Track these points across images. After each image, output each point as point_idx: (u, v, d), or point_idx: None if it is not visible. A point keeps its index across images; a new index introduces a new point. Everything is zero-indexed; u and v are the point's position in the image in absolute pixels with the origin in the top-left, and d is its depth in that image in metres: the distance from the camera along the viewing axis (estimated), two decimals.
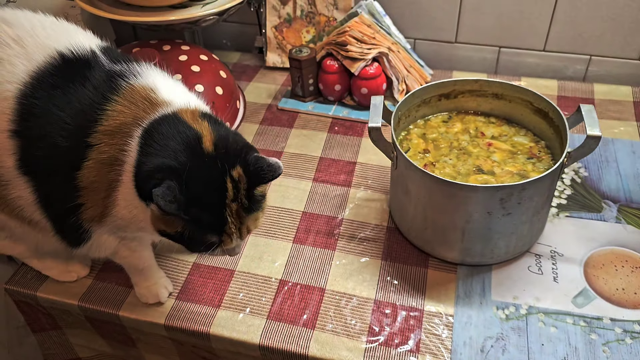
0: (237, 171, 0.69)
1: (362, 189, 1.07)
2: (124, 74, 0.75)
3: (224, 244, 0.72)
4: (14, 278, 0.97)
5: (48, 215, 0.78)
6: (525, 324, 0.83)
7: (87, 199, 0.73)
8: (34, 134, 0.72)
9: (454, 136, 0.98)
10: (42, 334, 1.03)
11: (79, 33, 0.80)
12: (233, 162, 0.69)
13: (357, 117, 1.24)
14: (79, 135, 0.71)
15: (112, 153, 0.71)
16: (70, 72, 0.73)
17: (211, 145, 0.70)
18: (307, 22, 1.38)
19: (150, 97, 0.74)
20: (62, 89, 0.72)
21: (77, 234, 0.78)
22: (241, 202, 0.70)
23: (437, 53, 1.39)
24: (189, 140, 0.70)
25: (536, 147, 0.94)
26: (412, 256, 0.94)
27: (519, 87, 0.95)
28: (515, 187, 0.78)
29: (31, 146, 0.73)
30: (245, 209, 0.71)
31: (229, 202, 0.69)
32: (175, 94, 0.76)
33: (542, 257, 0.92)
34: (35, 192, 0.76)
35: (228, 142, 0.71)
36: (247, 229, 0.74)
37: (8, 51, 0.72)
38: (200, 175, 0.68)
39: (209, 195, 0.68)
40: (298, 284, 0.91)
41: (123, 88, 0.73)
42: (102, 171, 0.71)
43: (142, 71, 0.77)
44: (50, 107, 0.71)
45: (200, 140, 0.70)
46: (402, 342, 0.82)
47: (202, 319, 0.87)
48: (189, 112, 0.73)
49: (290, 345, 0.83)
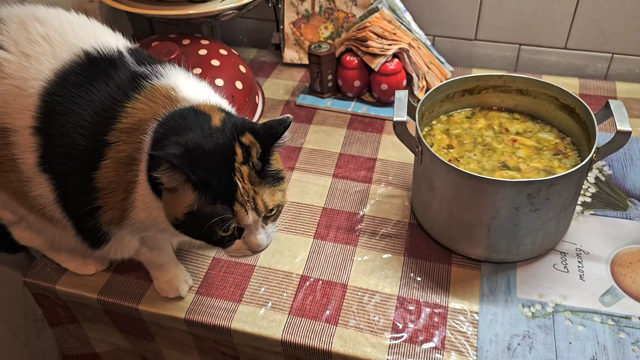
0: (247, 137, 0.67)
1: (382, 186, 1.06)
2: (147, 75, 0.74)
3: (238, 217, 0.66)
4: (32, 271, 0.96)
5: (68, 215, 0.77)
6: (552, 322, 0.82)
7: (106, 201, 0.73)
8: (55, 132, 0.71)
9: (477, 132, 0.97)
10: (60, 327, 1.02)
11: (108, 34, 0.80)
12: (241, 130, 0.68)
13: (376, 113, 1.23)
14: (97, 134, 0.70)
15: (129, 152, 0.70)
16: (94, 71, 0.73)
17: (219, 122, 0.69)
18: (325, 18, 1.38)
19: (170, 95, 0.73)
20: (85, 87, 0.72)
21: (96, 235, 0.77)
22: (253, 165, 0.67)
23: (456, 50, 1.38)
24: (199, 121, 0.69)
25: (562, 144, 0.93)
26: (434, 253, 0.93)
27: (544, 82, 0.94)
28: (544, 183, 0.77)
29: (52, 144, 0.72)
30: (259, 174, 0.67)
31: (238, 165, 0.66)
32: (196, 92, 0.75)
33: (568, 255, 0.91)
34: (55, 192, 0.75)
35: (237, 119, 0.71)
36: (264, 203, 0.68)
37: (36, 48, 0.72)
38: (207, 143, 0.66)
39: (215, 160, 0.65)
40: (320, 280, 0.90)
41: (145, 87, 0.73)
42: (120, 171, 0.71)
43: (165, 72, 0.77)
44: (72, 105, 0.71)
45: (210, 120, 0.69)
46: (427, 339, 0.81)
47: (223, 314, 0.86)
48: (207, 106, 0.73)
49: (313, 341, 0.82)
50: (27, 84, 0.71)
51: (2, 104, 0.72)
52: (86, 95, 0.71)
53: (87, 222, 0.75)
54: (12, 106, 0.72)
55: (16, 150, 0.74)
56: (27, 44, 0.72)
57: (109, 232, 0.77)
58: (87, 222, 0.75)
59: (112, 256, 0.84)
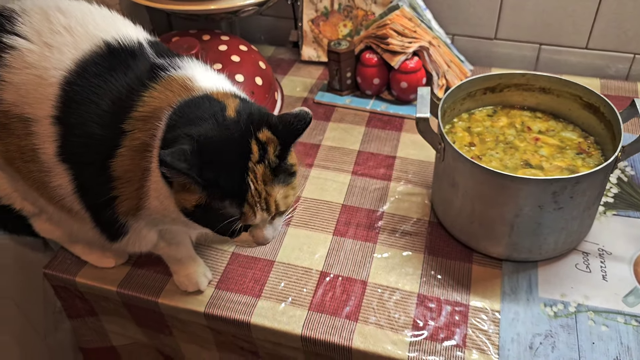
0: (264, 134, 0.66)
1: (402, 183, 1.06)
2: (166, 66, 0.74)
3: (246, 217, 0.66)
4: (52, 263, 0.97)
5: (86, 207, 0.78)
6: (574, 322, 0.81)
7: (122, 191, 0.73)
8: (74, 121, 0.72)
9: (499, 130, 0.96)
10: (78, 320, 1.03)
11: (129, 26, 0.80)
12: (258, 125, 0.66)
13: (395, 111, 1.23)
14: (114, 122, 0.71)
15: (143, 139, 0.70)
16: (114, 61, 0.73)
17: (234, 112, 0.68)
18: (344, 16, 1.37)
19: (186, 85, 0.73)
20: (104, 77, 0.72)
21: (114, 227, 0.77)
22: (269, 163, 0.65)
23: (475, 49, 1.37)
24: (213, 110, 0.68)
25: (585, 143, 0.92)
26: (455, 251, 0.92)
27: (568, 81, 0.93)
28: (569, 181, 0.76)
29: (71, 133, 0.73)
30: (275, 173, 0.66)
31: (253, 164, 0.64)
32: (212, 83, 0.75)
33: (590, 255, 0.90)
34: (74, 182, 0.76)
35: (252, 109, 0.69)
36: (276, 203, 0.67)
37: (58, 39, 0.73)
38: (220, 138, 0.65)
39: (228, 157, 0.64)
40: (339, 276, 0.90)
41: (163, 78, 0.73)
42: (135, 159, 0.71)
43: (183, 64, 0.76)
44: (90, 94, 0.71)
45: (224, 110, 0.68)
46: (448, 336, 0.80)
47: (242, 308, 0.86)
48: (220, 93, 0.72)
49: (333, 336, 0.81)
50: (48, 74, 0.72)
51: (24, 93, 0.72)
52: (105, 84, 0.72)
53: (105, 212, 0.75)
54: (34, 96, 0.72)
55: (37, 140, 0.74)
56: (50, 34, 0.73)
57: (126, 223, 0.77)
58: (105, 213, 0.75)
59: (130, 249, 0.84)
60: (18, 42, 0.72)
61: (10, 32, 0.72)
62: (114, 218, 0.76)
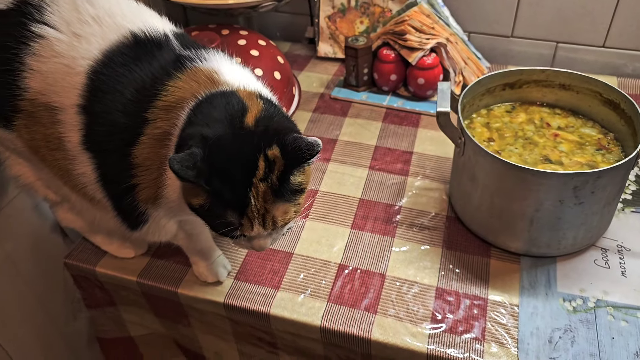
0: (273, 152, 0.65)
1: (419, 178, 1.06)
2: (192, 57, 0.75)
3: (244, 228, 0.67)
4: (73, 253, 0.98)
5: (108, 195, 0.79)
6: (593, 317, 0.81)
7: (142, 179, 0.73)
8: (99, 110, 0.73)
9: (518, 126, 0.96)
10: (97, 309, 1.04)
11: (155, 17, 0.81)
12: (270, 141, 0.65)
13: (412, 107, 1.23)
14: (137, 111, 0.71)
15: (165, 128, 0.70)
16: (140, 52, 0.74)
17: (253, 120, 0.67)
18: (361, 13, 1.38)
19: (212, 77, 0.73)
20: (129, 66, 0.73)
21: (134, 215, 0.78)
22: (271, 183, 0.65)
23: (492, 47, 1.37)
24: (233, 112, 0.68)
25: (605, 139, 0.92)
26: (473, 245, 0.93)
27: (588, 77, 0.93)
28: (590, 175, 0.76)
29: (95, 122, 0.73)
30: (275, 193, 0.66)
31: (256, 181, 0.64)
32: (237, 78, 0.75)
33: (609, 251, 0.90)
34: (97, 170, 0.76)
35: (271, 121, 0.68)
36: (273, 220, 0.67)
37: (87, 29, 0.73)
38: (232, 147, 0.65)
39: (235, 170, 0.65)
40: (358, 269, 0.90)
41: (188, 68, 0.74)
42: (155, 147, 0.71)
43: (209, 56, 0.77)
44: (116, 83, 0.72)
45: (244, 114, 0.68)
46: (467, 329, 0.81)
47: (261, 299, 0.87)
48: (246, 92, 0.73)
49: (353, 328, 0.82)
50: (76, 63, 0.72)
51: (52, 82, 0.73)
52: (130, 74, 0.72)
53: (125, 200, 0.76)
54: (61, 84, 0.73)
55: (62, 128, 0.75)
56: (78, 24, 0.73)
57: (146, 212, 0.78)
58: (125, 201, 0.76)
59: (150, 238, 0.84)
60: (47, 32, 0.72)
61: (39, 21, 0.73)
62: (134, 206, 0.76)
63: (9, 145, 0.81)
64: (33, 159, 0.82)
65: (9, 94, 0.74)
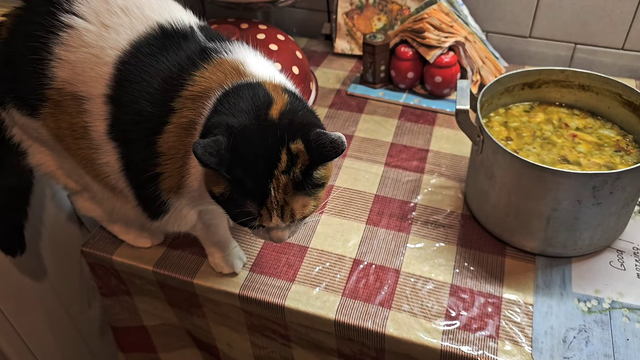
0: (297, 146, 0.65)
1: (435, 176, 1.06)
2: (217, 49, 0.76)
3: (262, 218, 0.67)
4: (90, 241, 0.99)
5: (130, 184, 0.79)
6: (608, 318, 0.81)
7: (166, 168, 0.74)
8: (125, 99, 0.73)
9: (536, 126, 0.96)
10: (112, 298, 1.05)
11: (180, 10, 0.81)
12: (294, 134, 0.66)
13: (428, 105, 1.23)
14: (164, 100, 0.72)
15: (191, 117, 0.71)
16: (166, 42, 0.75)
17: (278, 113, 0.68)
18: (379, 10, 1.38)
19: (238, 69, 0.74)
20: (156, 57, 0.74)
21: (156, 205, 0.79)
22: (294, 176, 0.66)
23: (509, 47, 1.37)
24: (259, 103, 0.68)
25: (624, 141, 0.92)
26: (488, 244, 0.93)
27: (608, 78, 0.93)
28: (610, 176, 0.76)
29: (121, 112, 0.74)
30: (297, 186, 0.66)
31: (278, 173, 0.65)
32: (263, 70, 0.76)
33: (625, 253, 0.90)
34: (121, 160, 0.77)
35: (296, 114, 0.68)
36: (292, 212, 0.68)
37: (115, 19, 0.74)
38: (256, 139, 0.66)
39: (257, 161, 0.65)
40: (372, 264, 0.91)
41: (214, 59, 0.74)
42: (180, 136, 0.72)
43: (234, 48, 0.78)
44: (142, 73, 0.73)
45: (269, 106, 0.68)
46: (481, 327, 0.81)
47: (276, 292, 0.87)
48: (272, 85, 0.73)
49: (367, 322, 0.82)
50: (104, 53, 0.73)
51: (79, 71, 0.74)
52: (156, 64, 0.73)
53: (148, 190, 0.76)
54: (89, 74, 0.74)
55: (88, 118, 0.76)
56: (107, 15, 0.74)
57: (168, 201, 0.78)
58: (148, 190, 0.77)
59: (170, 229, 0.85)
60: (76, 22, 0.73)
61: (68, 11, 0.73)
62: (156, 195, 0.77)
63: (33, 133, 0.82)
64: (57, 147, 0.82)
65: (37, 82, 0.75)
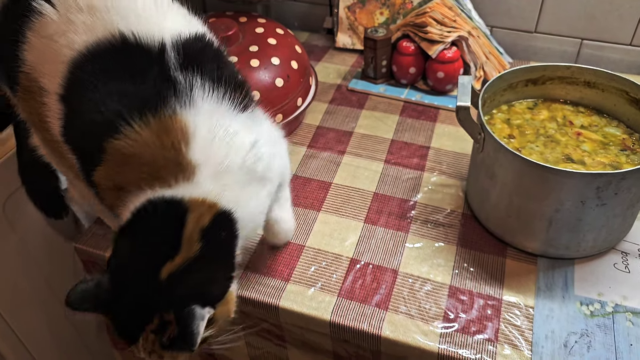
0: (170, 316, 0.63)
1: (435, 174, 1.04)
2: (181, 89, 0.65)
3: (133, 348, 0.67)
4: (83, 238, 0.97)
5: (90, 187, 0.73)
6: (611, 322, 0.79)
7: (104, 195, 0.70)
8: (74, 106, 0.67)
9: (540, 123, 0.93)
10: None
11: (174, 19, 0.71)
12: (170, 305, 0.63)
13: (430, 101, 1.21)
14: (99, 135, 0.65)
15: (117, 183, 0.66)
16: (125, 59, 0.65)
17: (168, 273, 0.63)
18: (381, 4, 1.35)
19: (176, 148, 0.63)
20: (109, 73, 0.65)
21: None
22: (161, 340, 0.63)
23: (514, 43, 1.34)
24: (158, 254, 0.64)
25: (630, 140, 0.89)
26: (489, 244, 0.90)
27: (614, 75, 0.90)
28: (615, 176, 0.74)
29: (72, 117, 0.68)
30: (165, 347, 0.64)
31: (148, 331, 0.63)
32: (209, 155, 0.65)
33: (629, 255, 0.87)
34: (78, 163, 0.71)
35: (189, 278, 0.63)
36: (161, 357, 0.66)
37: (79, 16, 0.66)
38: (135, 297, 0.64)
39: (131, 315, 0.64)
40: (370, 264, 0.89)
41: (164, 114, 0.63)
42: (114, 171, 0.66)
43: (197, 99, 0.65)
44: (88, 90, 0.65)
45: (165, 262, 0.63)
46: (480, 330, 0.79)
47: (271, 292, 0.85)
48: (204, 203, 0.64)
49: (363, 324, 0.80)
50: (61, 50, 0.66)
51: (42, 62, 0.68)
52: (102, 86, 0.64)
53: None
54: (48, 67, 0.68)
55: (48, 112, 0.70)
56: (75, 9, 0.66)
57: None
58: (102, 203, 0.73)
59: None
60: (45, 9, 0.67)
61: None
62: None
63: None
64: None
65: (14, 64, 0.69)
